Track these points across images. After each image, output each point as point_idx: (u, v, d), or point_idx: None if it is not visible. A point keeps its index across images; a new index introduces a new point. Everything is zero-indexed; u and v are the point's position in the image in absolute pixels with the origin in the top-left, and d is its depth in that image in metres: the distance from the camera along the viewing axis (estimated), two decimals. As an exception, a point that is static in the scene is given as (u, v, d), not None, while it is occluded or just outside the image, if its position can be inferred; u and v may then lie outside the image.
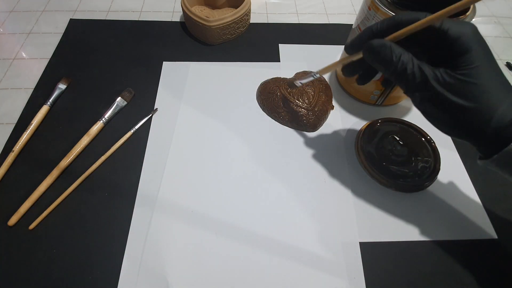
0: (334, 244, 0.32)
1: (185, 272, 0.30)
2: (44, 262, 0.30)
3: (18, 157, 0.37)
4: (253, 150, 0.39)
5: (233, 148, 0.38)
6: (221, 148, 0.38)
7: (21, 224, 0.32)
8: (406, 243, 0.33)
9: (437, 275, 0.31)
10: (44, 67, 0.45)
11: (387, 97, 0.41)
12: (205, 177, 0.36)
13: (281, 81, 0.43)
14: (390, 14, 0.31)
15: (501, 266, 0.32)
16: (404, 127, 0.39)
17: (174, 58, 0.47)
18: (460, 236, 0.33)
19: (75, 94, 0.43)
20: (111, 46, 0.49)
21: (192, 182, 0.36)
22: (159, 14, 0.54)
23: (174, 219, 0.33)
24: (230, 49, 0.49)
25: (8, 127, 0.39)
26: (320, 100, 0.41)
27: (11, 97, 0.42)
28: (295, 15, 0.56)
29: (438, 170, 0.36)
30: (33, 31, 0.51)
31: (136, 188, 0.35)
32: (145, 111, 0.41)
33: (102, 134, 0.39)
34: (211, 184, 0.36)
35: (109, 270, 0.30)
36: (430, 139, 0.38)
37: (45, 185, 0.34)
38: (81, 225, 0.33)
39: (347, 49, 0.27)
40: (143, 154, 0.37)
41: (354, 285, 0.30)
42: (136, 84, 0.44)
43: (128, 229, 0.32)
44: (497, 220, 0.34)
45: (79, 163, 0.37)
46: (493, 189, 0.37)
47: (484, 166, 0.25)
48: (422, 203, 0.35)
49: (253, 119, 0.41)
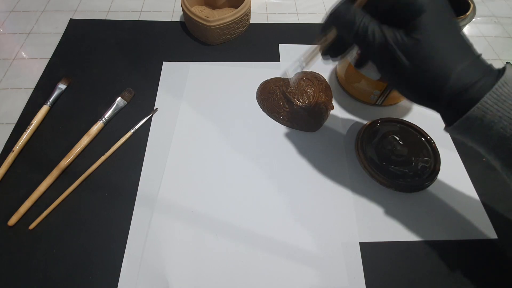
0: (334, 244, 0.32)
1: (185, 272, 0.30)
2: (44, 262, 0.30)
3: (18, 157, 0.37)
4: (253, 150, 0.39)
5: (233, 148, 0.38)
6: (221, 148, 0.38)
7: (21, 224, 0.32)
8: (406, 243, 0.33)
9: (437, 275, 0.31)
10: (44, 67, 0.45)
11: (387, 97, 0.41)
12: (205, 177, 0.36)
13: (281, 81, 0.43)
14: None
15: (501, 266, 0.32)
16: (404, 127, 0.39)
17: (174, 58, 0.47)
18: (460, 236, 0.33)
19: (75, 94, 0.43)
20: (111, 46, 0.49)
21: (192, 182, 0.36)
22: (159, 14, 0.54)
23: (174, 219, 0.33)
24: (230, 49, 0.49)
25: (8, 127, 0.39)
26: (320, 100, 0.41)
27: (11, 97, 0.42)
28: (295, 15, 0.56)
29: (438, 170, 0.36)
30: (33, 31, 0.51)
31: (136, 188, 0.35)
32: (145, 111, 0.41)
33: (102, 134, 0.39)
34: (211, 184, 0.36)
35: (109, 270, 0.30)
36: (430, 139, 0.38)
37: (45, 185, 0.34)
38: (81, 225, 0.33)
39: (322, 30, 0.28)
40: (143, 154, 0.37)
41: (354, 285, 0.30)
42: (136, 84, 0.44)
43: (128, 229, 0.32)
44: (497, 220, 0.34)
45: (79, 163, 0.37)
46: (493, 189, 0.37)
47: (452, 134, 0.24)
48: (422, 203, 0.35)
49: (253, 119, 0.41)
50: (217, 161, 0.37)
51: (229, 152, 0.38)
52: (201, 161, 0.37)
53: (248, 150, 0.38)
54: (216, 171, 0.37)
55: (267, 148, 0.39)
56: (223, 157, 0.38)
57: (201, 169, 0.37)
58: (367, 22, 0.23)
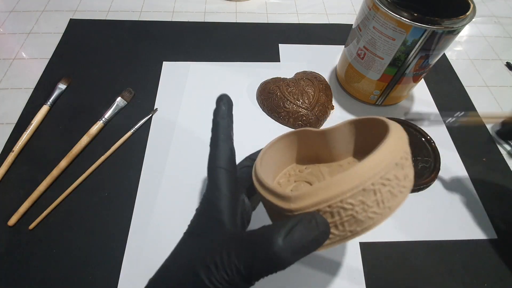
0: (334, 244, 0.32)
1: (185, 272, 0.30)
2: (44, 262, 0.30)
3: (18, 157, 0.37)
4: (253, 150, 0.38)
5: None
6: (221, 148, 0.38)
7: (21, 224, 0.32)
8: (406, 243, 0.33)
9: (437, 275, 0.31)
10: (44, 67, 0.45)
11: (387, 97, 0.41)
12: (205, 177, 0.36)
13: (281, 81, 0.43)
14: (390, 14, 0.31)
15: (501, 266, 0.32)
16: (404, 127, 0.39)
17: (174, 58, 0.47)
18: (460, 236, 0.33)
19: (75, 94, 0.43)
20: (111, 46, 0.49)
21: (192, 182, 0.36)
22: (159, 14, 0.54)
23: (174, 219, 0.33)
24: (230, 49, 0.49)
25: (8, 127, 0.39)
26: (320, 100, 0.41)
27: (11, 97, 0.42)
28: (295, 15, 0.56)
29: (438, 170, 0.36)
30: (33, 31, 0.51)
31: (136, 188, 0.35)
32: (145, 111, 0.41)
33: (102, 134, 0.39)
34: (211, 184, 0.36)
35: (109, 270, 0.30)
36: (430, 139, 0.38)
37: (45, 185, 0.34)
38: (81, 225, 0.33)
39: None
40: (143, 154, 0.37)
41: (354, 285, 0.30)
42: (136, 84, 0.44)
43: (128, 229, 0.32)
44: (497, 220, 0.34)
45: (79, 163, 0.37)
46: (493, 189, 0.37)
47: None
48: (422, 203, 0.35)
49: (253, 119, 0.41)
50: (217, 161, 0.37)
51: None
52: (201, 161, 0.37)
53: (248, 150, 0.38)
54: (216, 171, 0.36)
55: (267, 148, 0.38)
56: (223, 157, 0.38)
57: (201, 169, 0.37)
58: None
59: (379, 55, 0.36)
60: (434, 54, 0.34)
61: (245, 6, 0.57)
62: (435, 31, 0.31)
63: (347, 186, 0.16)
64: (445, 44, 0.33)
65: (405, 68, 0.36)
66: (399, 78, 0.37)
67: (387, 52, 0.35)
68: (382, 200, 0.17)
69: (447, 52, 0.52)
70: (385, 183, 0.17)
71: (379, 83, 0.39)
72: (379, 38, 0.34)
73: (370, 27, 0.35)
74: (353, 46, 0.39)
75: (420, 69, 0.36)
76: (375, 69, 0.37)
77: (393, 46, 0.34)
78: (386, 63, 0.36)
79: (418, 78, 0.38)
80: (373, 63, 0.37)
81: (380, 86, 0.39)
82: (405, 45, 0.33)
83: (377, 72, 0.38)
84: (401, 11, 0.31)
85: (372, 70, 0.38)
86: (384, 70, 0.37)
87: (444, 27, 0.30)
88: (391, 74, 0.37)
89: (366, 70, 0.38)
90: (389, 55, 0.35)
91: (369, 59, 0.37)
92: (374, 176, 0.17)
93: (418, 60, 0.34)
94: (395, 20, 0.32)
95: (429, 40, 0.32)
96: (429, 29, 0.31)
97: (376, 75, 0.38)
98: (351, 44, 0.40)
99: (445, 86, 0.47)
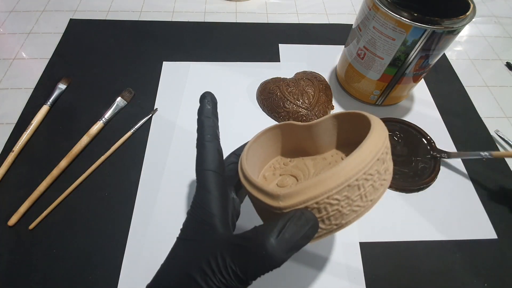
0: (334, 244, 0.32)
1: (185, 272, 0.30)
2: (44, 262, 0.30)
3: (18, 157, 0.37)
4: (253, 150, 0.38)
5: (233, 148, 0.38)
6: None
7: (21, 224, 0.32)
8: (406, 243, 0.33)
9: (437, 275, 0.31)
10: (44, 67, 0.45)
11: (387, 97, 0.41)
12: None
13: (281, 81, 0.43)
14: (390, 14, 0.31)
15: (501, 266, 0.32)
16: (404, 127, 0.39)
17: (174, 58, 0.47)
18: (460, 236, 0.33)
19: (75, 94, 0.43)
20: (111, 46, 0.48)
21: (192, 182, 0.36)
22: (159, 14, 0.54)
23: (174, 219, 0.33)
24: (230, 49, 0.49)
25: (8, 127, 0.39)
26: (320, 100, 0.41)
27: (11, 97, 0.42)
28: (295, 15, 0.56)
29: (438, 170, 0.36)
30: (33, 31, 0.51)
31: (136, 188, 0.35)
32: (145, 111, 0.41)
33: (102, 134, 0.39)
34: (211, 184, 0.36)
35: (109, 270, 0.30)
36: (430, 139, 0.38)
37: (45, 185, 0.34)
38: (81, 225, 0.33)
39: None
40: (143, 154, 0.37)
41: (354, 285, 0.30)
42: (136, 84, 0.44)
43: (128, 229, 0.32)
44: (497, 220, 0.34)
45: (79, 163, 0.37)
46: (493, 189, 0.37)
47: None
48: (422, 203, 0.35)
49: (253, 119, 0.41)
50: (217, 161, 0.37)
51: (229, 152, 0.38)
52: (201, 161, 0.37)
53: (248, 150, 0.38)
54: (216, 171, 0.36)
55: (267, 148, 0.38)
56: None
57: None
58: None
59: (379, 55, 0.36)
60: (434, 54, 0.34)
61: (245, 6, 0.57)
62: (435, 31, 0.31)
63: (334, 183, 0.17)
64: (445, 44, 0.33)
65: (405, 68, 0.36)
66: (399, 78, 0.37)
67: (387, 52, 0.35)
68: (365, 194, 0.18)
69: (447, 52, 0.52)
70: (368, 178, 0.18)
71: (379, 83, 0.39)
72: (379, 38, 0.34)
73: (370, 27, 0.35)
74: (353, 46, 0.39)
75: (420, 69, 0.36)
76: (375, 69, 0.37)
77: (393, 46, 0.34)
78: (386, 63, 0.36)
79: (418, 78, 0.38)
80: (373, 63, 0.37)
81: (380, 86, 0.39)
82: (405, 45, 0.33)
83: (377, 72, 0.38)
84: (401, 11, 0.31)
85: (372, 70, 0.38)
86: (384, 70, 0.37)
87: (444, 27, 0.30)
88: (391, 74, 0.37)
89: (366, 70, 0.38)
90: (389, 55, 0.35)
91: (369, 59, 0.37)
92: (358, 173, 0.17)
93: (418, 60, 0.34)
94: (395, 20, 0.32)
95: (429, 40, 0.32)
96: (429, 29, 0.31)
97: (376, 75, 0.38)
98: (351, 44, 0.40)
99: (445, 86, 0.47)
